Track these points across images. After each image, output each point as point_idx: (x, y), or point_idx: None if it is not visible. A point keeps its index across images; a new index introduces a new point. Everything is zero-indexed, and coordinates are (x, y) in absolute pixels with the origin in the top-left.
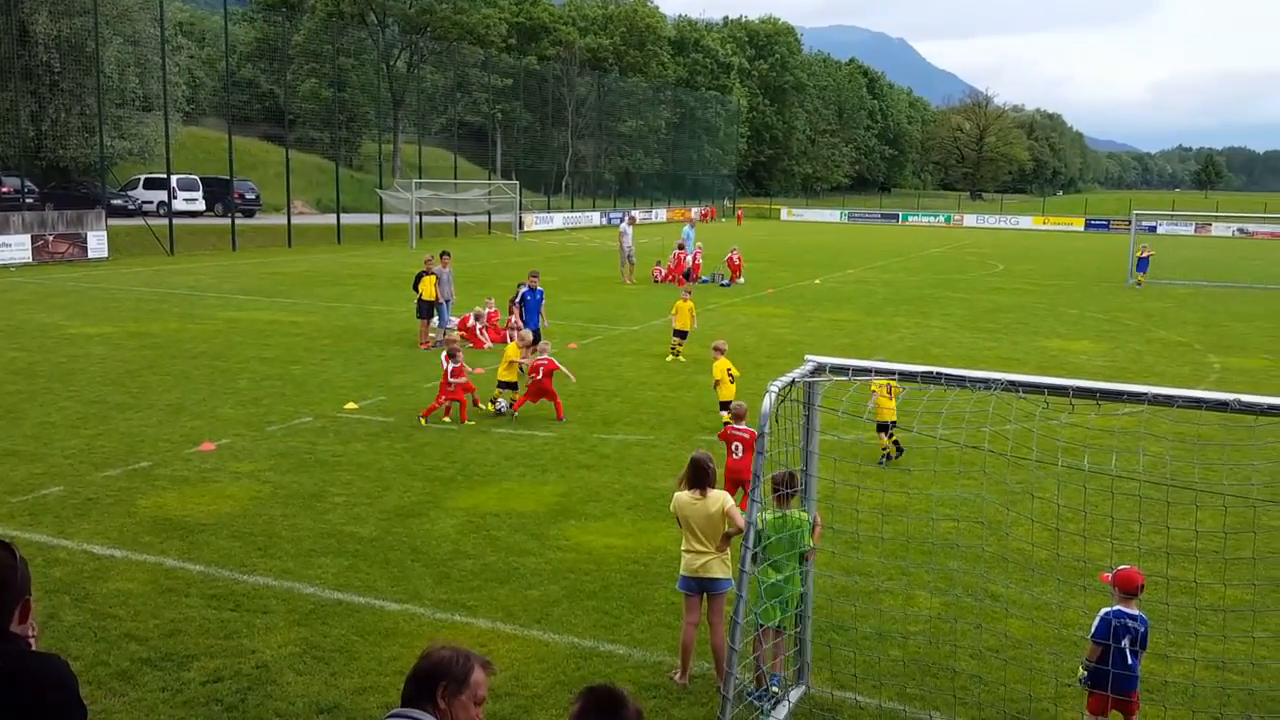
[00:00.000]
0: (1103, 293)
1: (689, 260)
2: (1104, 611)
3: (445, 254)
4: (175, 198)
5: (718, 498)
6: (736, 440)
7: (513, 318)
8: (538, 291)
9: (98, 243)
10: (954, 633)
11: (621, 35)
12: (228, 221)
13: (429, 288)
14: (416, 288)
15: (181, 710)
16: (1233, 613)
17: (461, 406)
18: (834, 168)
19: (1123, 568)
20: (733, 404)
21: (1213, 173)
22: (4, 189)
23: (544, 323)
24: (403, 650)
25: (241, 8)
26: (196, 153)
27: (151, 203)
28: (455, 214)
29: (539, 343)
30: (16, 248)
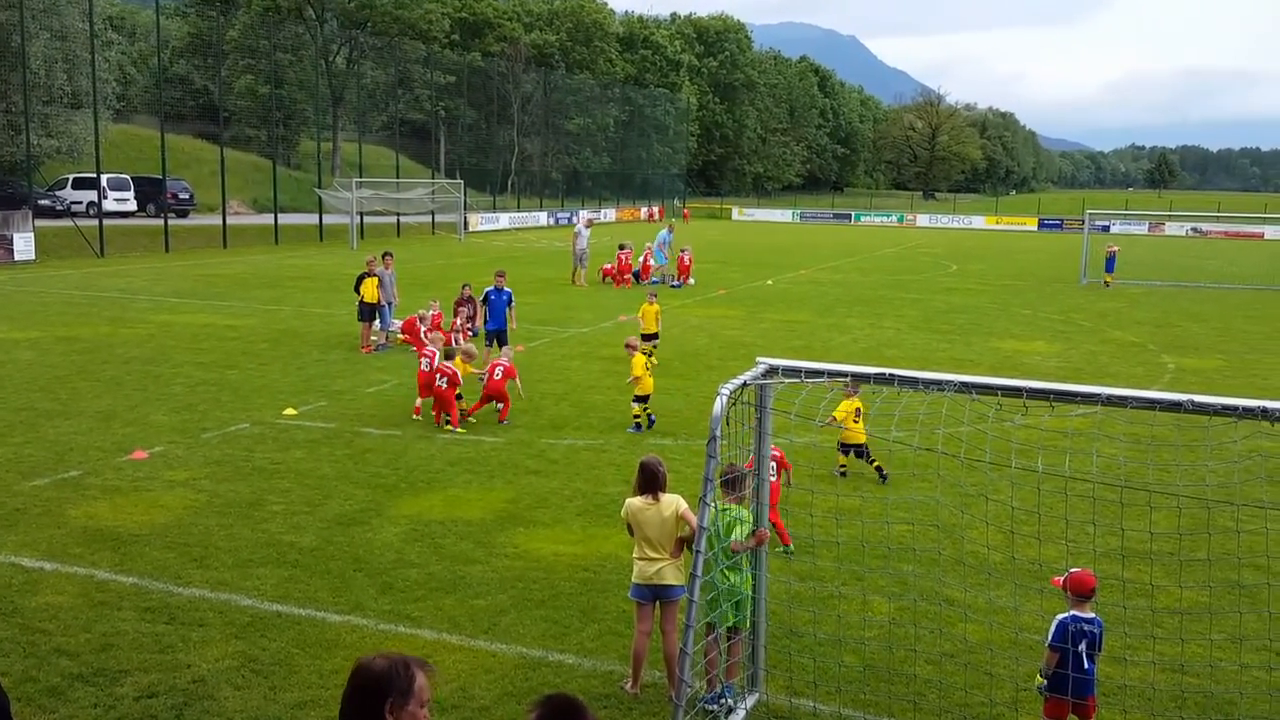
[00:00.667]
0: (1057, 293)
1: (639, 261)
2: (1060, 617)
3: (387, 255)
4: (105, 198)
5: (671, 502)
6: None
7: (457, 320)
8: (504, 292)
9: (24, 244)
10: (911, 638)
11: (568, 31)
12: (160, 222)
13: (371, 290)
14: (358, 290)
15: None
16: (1189, 615)
17: (450, 406)
18: (785, 167)
19: (1075, 570)
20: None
21: (1166, 172)
22: None
23: (512, 325)
24: (345, 663)
25: (174, 2)
26: (128, 151)
27: (81, 203)
28: (398, 214)
29: (504, 346)
30: None
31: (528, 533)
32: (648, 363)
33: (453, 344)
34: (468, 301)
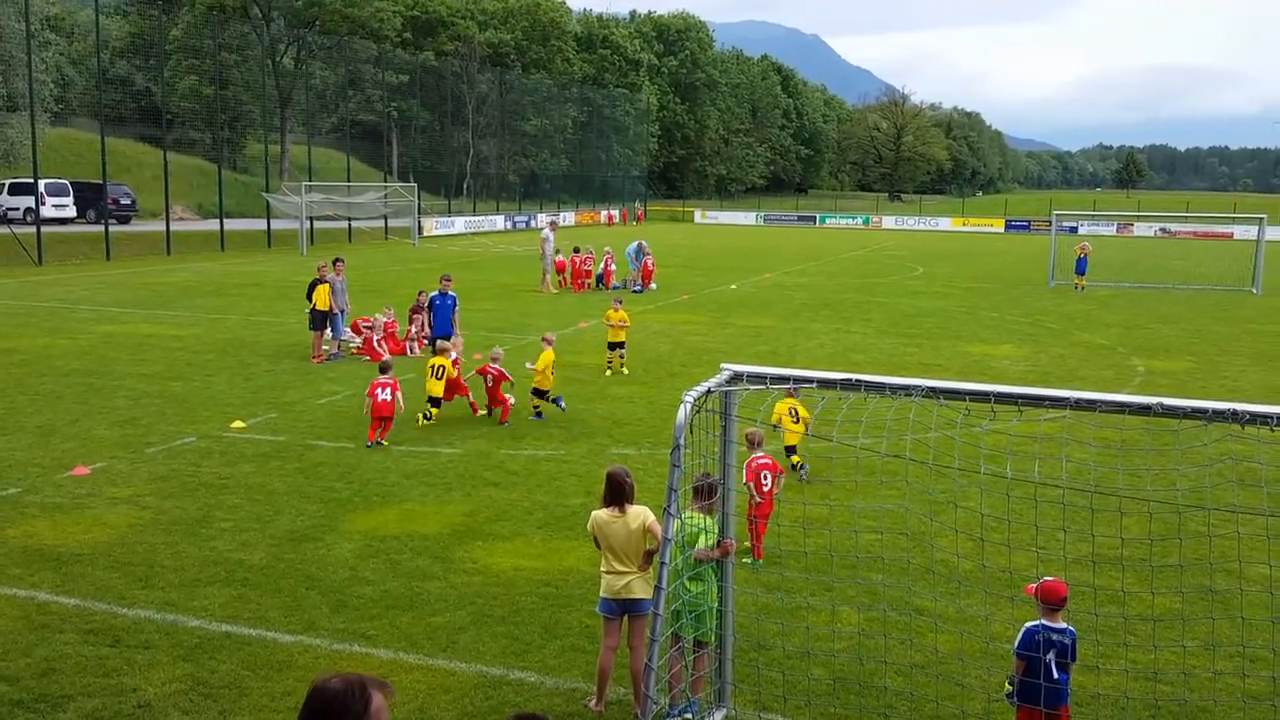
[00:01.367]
0: (1024, 295)
1: (600, 266)
2: (1028, 625)
3: (339, 261)
4: (43, 204)
5: (638, 514)
6: (764, 470)
7: (412, 328)
8: (449, 297)
9: None
10: (881, 649)
11: (524, 30)
12: (101, 229)
13: (323, 297)
14: (310, 297)
15: None
16: (1161, 622)
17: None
18: (748, 168)
19: (1047, 579)
20: (748, 432)
21: (1134, 171)
22: None
23: (457, 331)
24: (298, 684)
25: (114, 1)
26: (66, 155)
27: (17, 209)
28: (349, 218)
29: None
30: None
31: (487, 547)
32: (551, 362)
33: (407, 352)
34: (423, 309)
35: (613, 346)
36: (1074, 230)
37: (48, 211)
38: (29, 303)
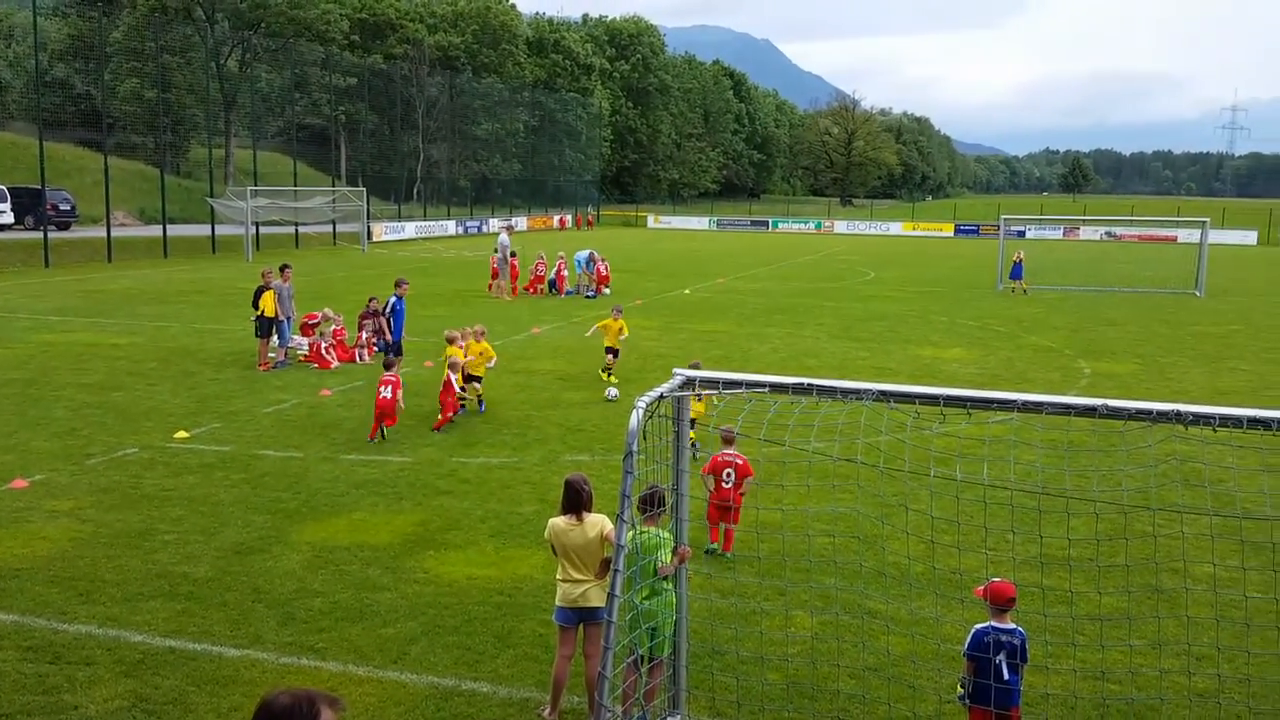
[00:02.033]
0: (973, 299)
1: (553, 271)
2: (977, 627)
3: (285, 267)
4: None
5: (596, 522)
6: (727, 467)
7: (362, 335)
8: (402, 301)
9: None
10: (834, 652)
11: (474, 33)
12: (39, 235)
13: (270, 304)
14: (256, 304)
15: None
16: (1109, 621)
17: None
18: (701, 173)
19: (995, 580)
20: (722, 429)
21: (1080, 176)
22: None
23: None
24: (244, 699)
25: (53, 2)
26: (3, 160)
27: None
28: (296, 224)
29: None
30: None
31: (439, 556)
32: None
33: (356, 359)
34: (374, 315)
35: (609, 351)
36: (1021, 234)
37: None
38: None
